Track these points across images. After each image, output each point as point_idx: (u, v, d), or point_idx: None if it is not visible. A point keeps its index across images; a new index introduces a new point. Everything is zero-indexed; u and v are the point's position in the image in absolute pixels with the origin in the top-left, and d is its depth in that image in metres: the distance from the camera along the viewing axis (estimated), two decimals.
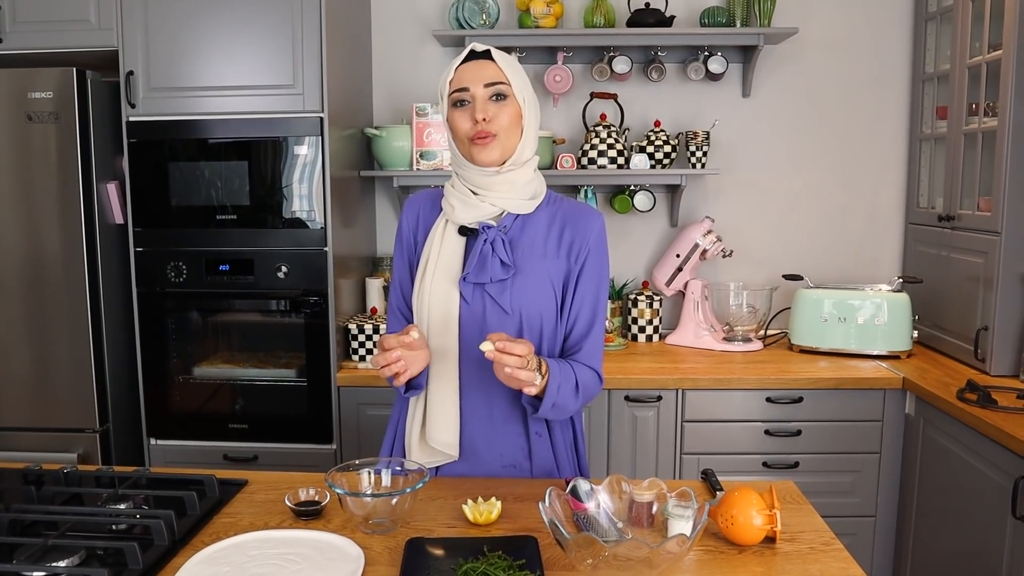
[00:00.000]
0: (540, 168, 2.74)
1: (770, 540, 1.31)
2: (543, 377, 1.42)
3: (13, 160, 2.47)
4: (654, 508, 1.29)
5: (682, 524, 1.24)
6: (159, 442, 2.64)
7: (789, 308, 2.87)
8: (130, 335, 2.64)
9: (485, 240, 1.51)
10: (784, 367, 2.59)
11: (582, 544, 1.12)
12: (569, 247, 1.55)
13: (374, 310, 2.77)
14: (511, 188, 1.54)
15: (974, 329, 2.49)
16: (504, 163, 1.53)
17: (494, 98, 1.50)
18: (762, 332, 2.91)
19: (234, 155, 2.51)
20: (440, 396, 1.54)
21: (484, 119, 1.48)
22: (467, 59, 1.52)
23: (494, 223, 1.53)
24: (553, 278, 1.54)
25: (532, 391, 1.39)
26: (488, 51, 1.53)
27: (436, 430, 1.54)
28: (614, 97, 2.96)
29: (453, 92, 1.52)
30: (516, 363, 1.33)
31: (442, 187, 1.62)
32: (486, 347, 1.34)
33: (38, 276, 2.51)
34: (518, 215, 1.56)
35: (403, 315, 1.65)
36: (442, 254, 1.55)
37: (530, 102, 1.55)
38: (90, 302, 2.51)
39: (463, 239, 1.55)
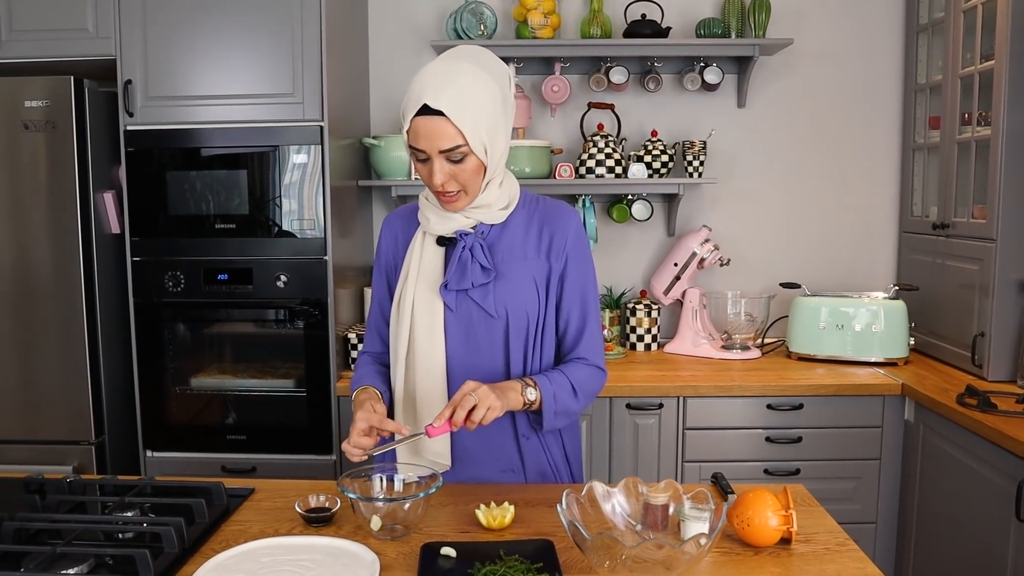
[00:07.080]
0: (538, 178, 2.80)
1: (785, 542, 1.31)
2: (536, 390, 1.47)
3: (9, 169, 2.44)
4: (671, 510, 1.28)
5: (698, 526, 1.23)
6: (155, 454, 2.61)
7: (786, 316, 2.88)
8: (126, 346, 2.61)
9: (464, 247, 1.51)
10: (783, 374, 2.59)
11: (603, 546, 1.12)
12: (549, 246, 1.56)
13: None
14: (481, 210, 1.53)
15: (970, 335, 2.51)
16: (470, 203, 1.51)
17: (452, 160, 1.43)
18: (759, 340, 2.91)
19: (233, 164, 2.50)
20: (429, 406, 1.53)
21: (443, 184, 1.44)
22: (421, 112, 1.39)
23: (471, 230, 1.54)
24: (536, 277, 1.55)
25: (518, 408, 1.45)
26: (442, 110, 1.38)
27: (426, 440, 1.51)
28: (611, 107, 2.98)
29: (410, 145, 1.44)
30: (478, 413, 1.36)
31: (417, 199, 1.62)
32: (439, 429, 1.37)
33: (33, 286, 2.48)
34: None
35: (380, 335, 1.68)
36: (423, 265, 1.56)
37: (494, 138, 1.44)
38: (86, 313, 2.49)
39: (442, 249, 1.56)
